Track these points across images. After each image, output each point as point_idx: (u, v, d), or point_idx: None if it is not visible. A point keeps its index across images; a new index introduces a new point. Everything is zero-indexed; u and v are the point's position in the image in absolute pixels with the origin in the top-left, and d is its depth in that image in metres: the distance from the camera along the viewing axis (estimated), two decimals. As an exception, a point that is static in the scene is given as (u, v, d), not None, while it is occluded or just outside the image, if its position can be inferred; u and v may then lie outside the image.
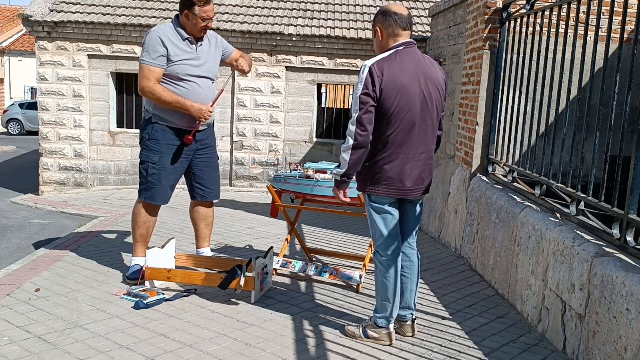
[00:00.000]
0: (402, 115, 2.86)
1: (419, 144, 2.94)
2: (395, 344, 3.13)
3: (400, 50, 2.92)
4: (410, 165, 2.93)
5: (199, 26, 3.78)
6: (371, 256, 4.29)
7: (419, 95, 2.89)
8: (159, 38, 3.76)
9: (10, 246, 5.83)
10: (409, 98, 2.86)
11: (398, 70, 2.85)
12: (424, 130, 2.94)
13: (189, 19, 3.77)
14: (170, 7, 9.03)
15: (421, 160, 2.97)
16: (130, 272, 4.00)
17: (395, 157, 2.91)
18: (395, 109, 2.84)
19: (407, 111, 2.86)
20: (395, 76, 2.83)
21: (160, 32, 3.80)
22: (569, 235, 3.05)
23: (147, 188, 4.00)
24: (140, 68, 3.86)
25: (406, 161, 2.92)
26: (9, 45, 27.74)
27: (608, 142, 2.93)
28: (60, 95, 8.73)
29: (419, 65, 2.93)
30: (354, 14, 9.38)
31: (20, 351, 2.91)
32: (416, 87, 2.88)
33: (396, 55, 2.90)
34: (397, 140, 2.89)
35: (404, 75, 2.85)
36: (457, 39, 6.28)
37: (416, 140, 2.93)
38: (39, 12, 8.45)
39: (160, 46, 3.75)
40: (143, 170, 4.02)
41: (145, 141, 3.99)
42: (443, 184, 5.81)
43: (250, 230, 5.87)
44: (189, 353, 2.94)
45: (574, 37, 3.49)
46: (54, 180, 8.91)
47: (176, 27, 3.82)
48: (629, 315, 2.38)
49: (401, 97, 2.84)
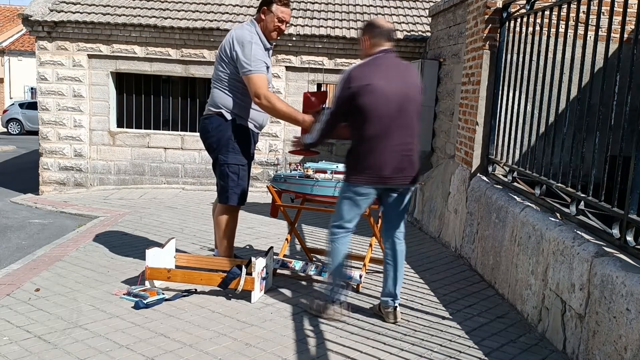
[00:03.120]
0: (379, 112, 3.20)
1: (396, 138, 3.25)
2: (395, 343, 3.13)
3: (381, 56, 3.31)
4: (388, 156, 3.25)
5: (274, 25, 3.85)
6: (372, 256, 4.29)
7: (395, 94, 3.22)
8: (262, 45, 3.83)
9: (11, 246, 5.83)
10: (385, 97, 3.20)
11: (375, 73, 3.23)
12: (400, 125, 3.26)
13: (266, 16, 3.85)
14: (170, 7, 9.03)
15: (398, 152, 3.27)
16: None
17: (374, 149, 3.24)
18: (372, 106, 3.19)
19: (383, 109, 3.20)
20: (372, 78, 3.20)
21: (257, 43, 3.81)
22: (569, 235, 3.05)
23: (239, 192, 3.99)
24: (250, 78, 3.76)
25: (384, 153, 3.24)
26: (9, 45, 27.74)
27: (608, 142, 2.93)
28: (60, 95, 8.73)
29: (396, 69, 3.31)
30: (354, 14, 9.38)
31: (21, 351, 2.91)
32: (392, 88, 3.22)
33: (375, 61, 3.30)
34: (375, 134, 3.23)
35: (380, 78, 3.22)
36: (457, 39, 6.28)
37: (394, 134, 3.24)
38: (39, 12, 8.45)
39: (264, 54, 3.83)
40: (233, 174, 3.94)
41: (232, 143, 3.92)
42: (443, 184, 5.81)
43: (251, 230, 5.87)
44: (189, 353, 2.94)
45: (574, 37, 3.49)
46: (54, 180, 8.91)
47: (260, 35, 3.86)
48: (629, 315, 2.38)
49: (377, 96, 3.19)
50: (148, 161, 8.91)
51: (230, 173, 3.94)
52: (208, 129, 3.98)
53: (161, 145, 8.90)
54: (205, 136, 4.02)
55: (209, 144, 4.01)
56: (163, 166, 8.93)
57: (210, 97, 4.01)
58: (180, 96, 9.08)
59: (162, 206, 7.26)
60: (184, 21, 8.58)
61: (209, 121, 3.97)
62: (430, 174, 6.59)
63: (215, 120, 3.93)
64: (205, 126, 4.01)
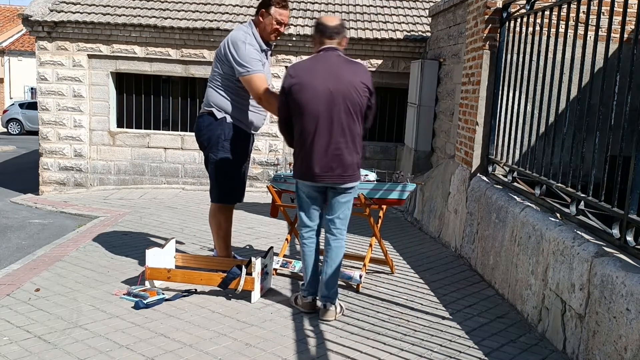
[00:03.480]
0: (308, 109, 3.26)
1: (325, 136, 3.27)
2: (395, 343, 3.13)
3: (321, 54, 3.37)
4: (317, 154, 3.29)
5: (272, 27, 3.89)
6: (372, 256, 4.29)
7: (326, 92, 3.25)
8: (257, 46, 3.86)
9: (11, 246, 5.83)
10: (315, 95, 3.24)
11: (307, 71, 3.30)
12: (330, 123, 3.27)
13: (264, 18, 3.89)
14: (170, 7, 9.03)
15: (329, 150, 3.29)
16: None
17: (304, 146, 3.32)
18: (302, 104, 3.26)
19: (313, 107, 3.25)
20: (304, 76, 3.28)
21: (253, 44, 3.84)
22: (569, 235, 3.05)
23: (227, 191, 4.03)
24: (250, 79, 3.79)
25: (313, 150, 3.29)
26: (9, 45, 27.74)
27: (608, 142, 2.92)
28: (60, 95, 8.73)
29: (333, 67, 3.30)
30: (354, 14, 9.38)
31: (21, 351, 2.91)
32: (324, 86, 3.25)
33: (312, 58, 3.39)
34: (306, 131, 3.30)
35: (313, 76, 3.27)
36: (457, 39, 6.28)
37: (323, 133, 3.27)
38: (39, 12, 8.45)
39: (259, 54, 3.86)
40: (222, 172, 3.98)
41: (222, 142, 3.95)
42: (443, 184, 5.81)
43: (251, 230, 5.87)
44: (189, 353, 2.94)
45: (574, 37, 3.49)
46: (54, 180, 8.91)
47: (256, 36, 3.90)
48: (629, 315, 2.38)
49: (307, 94, 3.25)
50: (148, 161, 8.91)
51: (220, 172, 3.98)
52: (200, 127, 4.05)
53: (161, 145, 8.90)
54: (197, 134, 4.09)
55: (201, 142, 4.07)
56: (163, 166, 8.93)
57: (205, 96, 4.07)
58: (180, 96, 9.08)
59: (162, 206, 7.26)
60: (184, 21, 8.58)
61: (202, 119, 4.04)
62: (430, 174, 6.60)
63: (207, 119, 3.99)
64: (197, 124, 4.08)
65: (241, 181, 4.13)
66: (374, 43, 8.56)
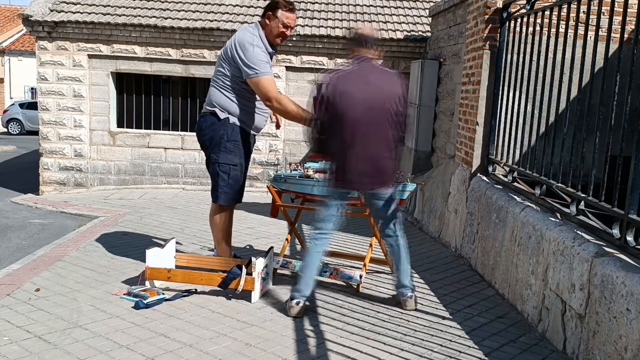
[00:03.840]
0: (347, 118, 3.33)
1: (363, 144, 3.37)
2: (396, 343, 3.13)
3: (357, 63, 3.45)
4: (355, 161, 3.38)
5: (278, 31, 3.90)
6: (372, 256, 4.29)
7: (360, 100, 3.33)
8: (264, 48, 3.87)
9: (11, 246, 5.83)
10: (353, 103, 3.32)
11: (344, 80, 3.37)
12: (368, 132, 3.37)
13: (270, 21, 3.89)
14: (170, 7, 9.03)
15: (367, 158, 3.39)
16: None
17: (342, 153, 3.39)
18: (341, 113, 3.32)
19: (351, 115, 3.32)
20: (342, 85, 3.35)
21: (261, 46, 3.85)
22: (569, 235, 3.05)
23: (228, 191, 4.03)
24: (259, 81, 3.80)
25: (351, 158, 3.37)
26: (9, 45, 27.74)
27: (608, 142, 2.92)
28: (60, 95, 8.73)
29: (370, 77, 3.40)
30: (354, 14, 9.38)
31: (21, 351, 2.91)
32: (362, 95, 3.33)
33: (351, 67, 3.45)
34: (343, 139, 3.37)
35: (347, 84, 3.35)
36: (458, 39, 6.28)
37: (360, 140, 3.36)
38: (39, 12, 8.45)
39: (267, 56, 3.87)
40: (224, 173, 3.99)
41: (224, 142, 3.95)
42: (443, 184, 5.81)
43: (251, 230, 5.87)
44: (189, 353, 2.94)
45: (574, 37, 3.49)
46: (54, 180, 8.91)
47: (262, 38, 3.90)
48: (629, 315, 2.38)
49: (346, 103, 3.32)
50: (148, 161, 8.91)
51: (221, 172, 3.99)
52: (202, 127, 4.04)
53: (161, 145, 8.90)
54: (199, 134, 4.08)
55: (202, 142, 4.07)
56: (163, 166, 8.93)
57: (208, 95, 4.06)
58: (180, 96, 9.08)
59: (162, 206, 7.26)
60: (184, 21, 8.58)
61: (204, 119, 4.03)
62: (430, 174, 6.59)
63: (209, 119, 3.99)
64: (199, 124, 4.07)
65: (241, 182, 4.12)
66: (374, 43, 8.54)
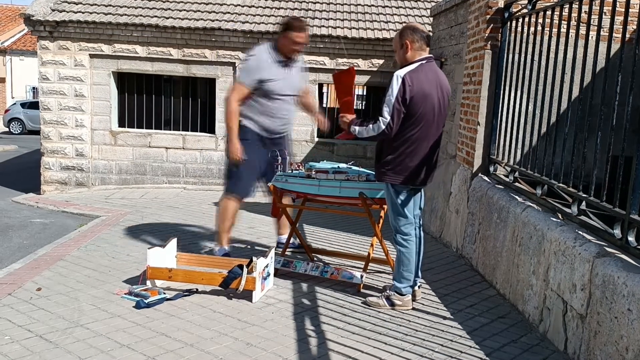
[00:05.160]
0: (424, 118, 3.45)
1: (432, 141, 3.55)
2: (397, 343, 3.13)
3: (424, 63, 3.48)
4: (425, 159, 3.53)
5: (290, 47, 4.35)
6: (373, 256, 4.29)
7: (436, 102, 3.48)
8: (256, 64, 4.31)
9: (12, 245, 5.84)
10: (431, 104, 3.45)
11: (424, 81, 3.43)
12: (437, 130, 3.57)
13: (285, 39, 4.34)
14: (171, 6, 9.04)
15: (432, 155, 3.58)
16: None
17: (416, 152, 3.50)
18: (420, 113, 3.43)
19: (428, 115, 3.45)
20: (422, 86, 3.41)
21: (258, 57, 4.34)
22: (570, 236, 3.05)
23: (235, 182, 4.43)
24: (233, 85, 4.50)
25: (423, 156, 3.52)
26: (11, 45, 27.77)
27: (610, 142, 2.92)
28: (62, 95, 8.74)
29: (436, 77, 3.52)
30: (356, 14, 9.38)
31: (22, 350, 2.91)
32: (434, 96, 3.47)
33: (421, 68, 3.46)
34: (418, 138, 3.48)
35: (427, 85, 3.43)
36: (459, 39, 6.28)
37: (431, 138, 3.53)
38: (41, 11, 8.46)
39: (256, 72, 4.28)
40: (232, 166, 4.40)
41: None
42: (444, 184, 5.81)
43: (252, 230, 5.87)
44: (190, 352, 2.94)
45: (576, 37, 3.49)
46: (56, 180, 8.91)
47: (272, 50, 4.36)
48: (630, 315, 2.38)
49: (425, 103, 3.42)
50: (149, 161, 8.92)
51: (230, 165, 4.42)
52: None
53: (162, 145, 8.91)
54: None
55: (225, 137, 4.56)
56: (164, 166, 8.93)
57: None
58: (181, 96, 9.08)
59: (164, 206, 7.26)
60: (186, 21, 8.58)
61: None
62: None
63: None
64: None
65: (248, 178, 4.44)
66: (375, 43, 8.55)
